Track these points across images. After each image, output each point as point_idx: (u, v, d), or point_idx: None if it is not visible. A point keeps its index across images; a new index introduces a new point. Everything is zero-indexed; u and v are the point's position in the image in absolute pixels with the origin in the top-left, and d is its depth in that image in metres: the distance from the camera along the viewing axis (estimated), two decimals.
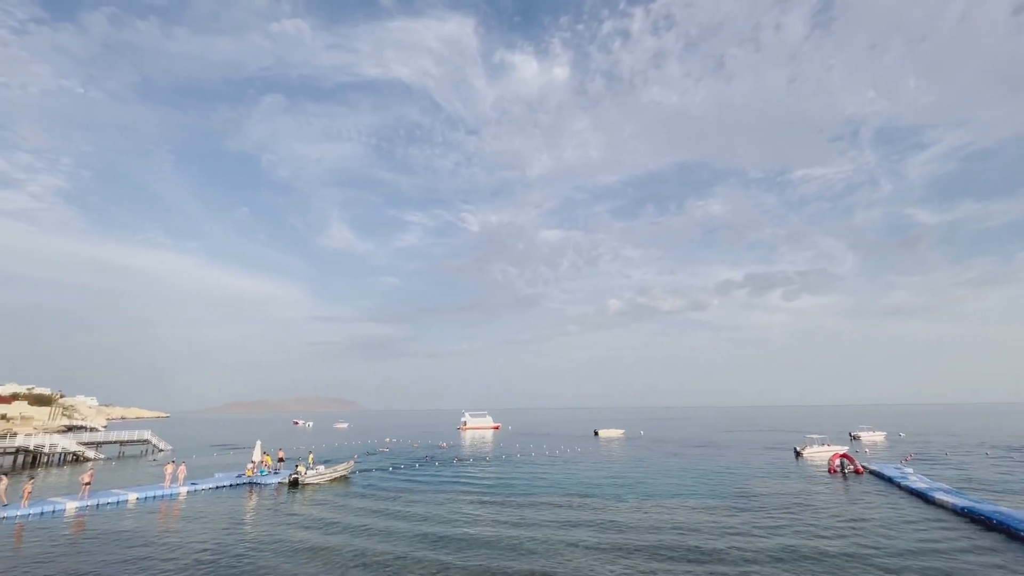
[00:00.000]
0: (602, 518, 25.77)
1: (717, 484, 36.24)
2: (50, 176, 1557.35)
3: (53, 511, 28.20)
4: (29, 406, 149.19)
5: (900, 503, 28.85)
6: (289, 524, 25.24)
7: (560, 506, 28.98)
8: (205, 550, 20.59)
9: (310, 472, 38.33)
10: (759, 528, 23.45)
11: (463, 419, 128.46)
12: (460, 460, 54.14)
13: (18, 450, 52.93)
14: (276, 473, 40.68)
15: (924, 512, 26.38)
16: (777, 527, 23.63)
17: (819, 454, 53.67)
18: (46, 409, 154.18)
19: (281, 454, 47.59)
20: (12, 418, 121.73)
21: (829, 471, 41.10)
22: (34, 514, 27.40)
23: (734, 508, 27.95)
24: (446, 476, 42.02)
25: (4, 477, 29.50)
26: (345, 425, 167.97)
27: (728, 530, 23.07)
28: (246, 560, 19.23)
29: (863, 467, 41.20)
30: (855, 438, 75.29)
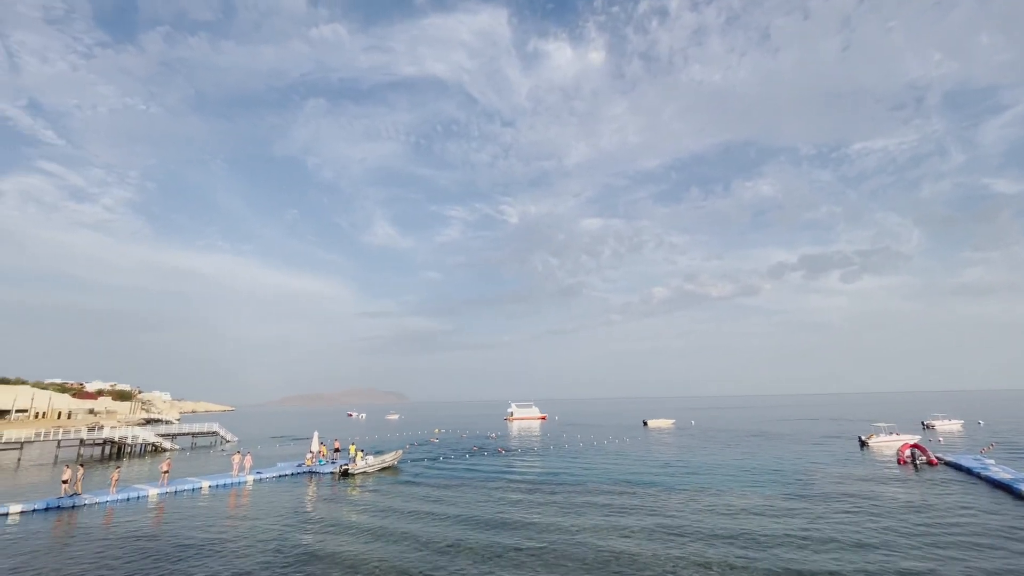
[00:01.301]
0: (654, 508, 25.37)
1: (774, 475, 34.89)
2: (120, 189, 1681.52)
3: (138, 497, 30.64)
4: (113, 401, 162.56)
5: (981, 496, 26.78)
6: (348, 510, 26.32)
7: (611, 495, 28.74)
8: (272, 534, 21.82)
9: (359, 462, 39.71)
10: (822, 519, 22.40)
11: (509, 410, 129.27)
12: (508, 450, 54.68)
13: (105, 441, 57.83)
14: (333, 463, 42.46)
15: (1010, 506, 24.39)
16: (842, 518, 22.49)
17: (887, 444, 50.64)
18: (127, 404, 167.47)
19: (337, 444, 49.63)
20: (99, 412, 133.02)
21: (898, 462, 38.67)
22: (121, 499, 29.87)
23: (794, 498, 26.82)
24: (495, 466, 42.55)
25: (81, 467, 32.22)
26: (396, 416, 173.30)
27: (788, 521, 22.17)
28: (310, 544, 20.23)
29: (937, 458, 38.51)
30: (928, 427, 70.55)
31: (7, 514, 26.18)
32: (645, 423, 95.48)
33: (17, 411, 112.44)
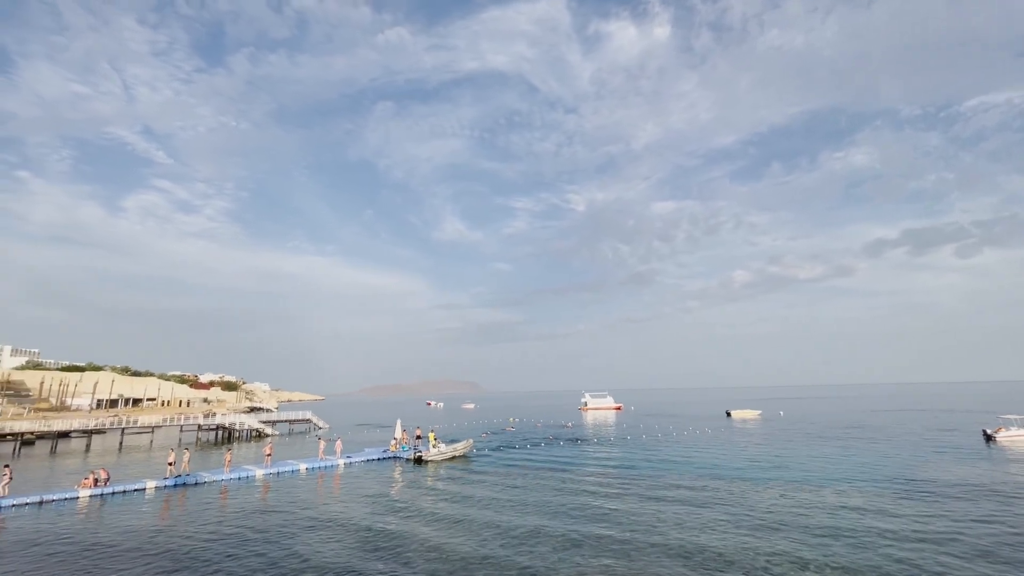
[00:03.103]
0: (741, 501, 24.10)
1: (878, 470, 31.88)
2: (220, 200, 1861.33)
3: (247, 476, 33.89)
4: (222, 391, 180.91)
5: None
6: (430, 495, 27.47)
7: (694, 488, 27.67)
8: (363, 514, 23.29)
9: (432, 450, 41.16)
10: (938, 519, 20.12)
11: (583, 400, 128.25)
12: (584, 440, 54.34)
13: (218, 427, 64.59)
14: (415, 449, 44.43)
15: None
16: (966, 523, 20.06)
17: (1020, 439, 44.54)
18: (233, 393, 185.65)
19: (418, 432, 51.86)
20: (211, 401, 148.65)
21: None
22: (233, 478, 33.19)
23: (903, 496, 24.34)
24: (571, 455, 42.48)
25: (186, 450, 36.01)
26: (472, 406, 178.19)
27: (896, 520, 20.14)
28: (397, 525, 21.37)
29: None
30: None
31: (144, 489, 30.04)
32: (728, 414, 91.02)
33: (147, 400, 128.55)
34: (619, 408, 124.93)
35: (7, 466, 28.69)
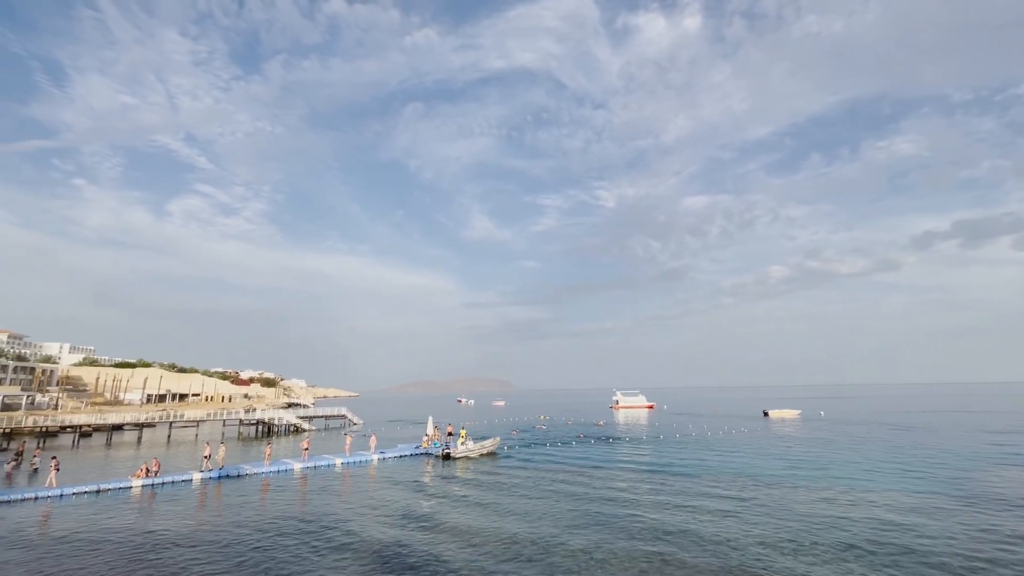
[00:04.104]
0: (781, 505, 23.35)
1: (927, 473, 30.37)
2: (257, 202, 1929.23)
3: (286, 470, 35.01)
4: (261, 387, 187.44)
5: None
6: (463, 490, 27.74)
7: (730, 488, 26.97)
8: (398, 507, 23.75)
9: (459, 447, 41.44)
10: (992, 533, 18.99)
11: (614, 398, 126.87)
12: (616, 439, 53.81)
13: (258, 422, 67.01)
14: (447, 446, 44.93)
15: None
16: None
17: None
18: (272, 389, 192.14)
19: (450, 428, 52.40)
20: (251, 397, 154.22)
21: None
22: (273, 471, 34.35)
23: (958, 502, 23.08)
24: (604, 454, 42.12)
25: (222, 444, 37.31)
26: (502, 403, 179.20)
27: (952, 526, 19.13)
28: (432, 517, 21.67)
29: None
30: None
31: (191, 480, 31.44)
32: (766, 413, 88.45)
33: (192, 395, 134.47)
34: (651, 407, 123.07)
35: (54, 458, 30.42)
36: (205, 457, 34.29)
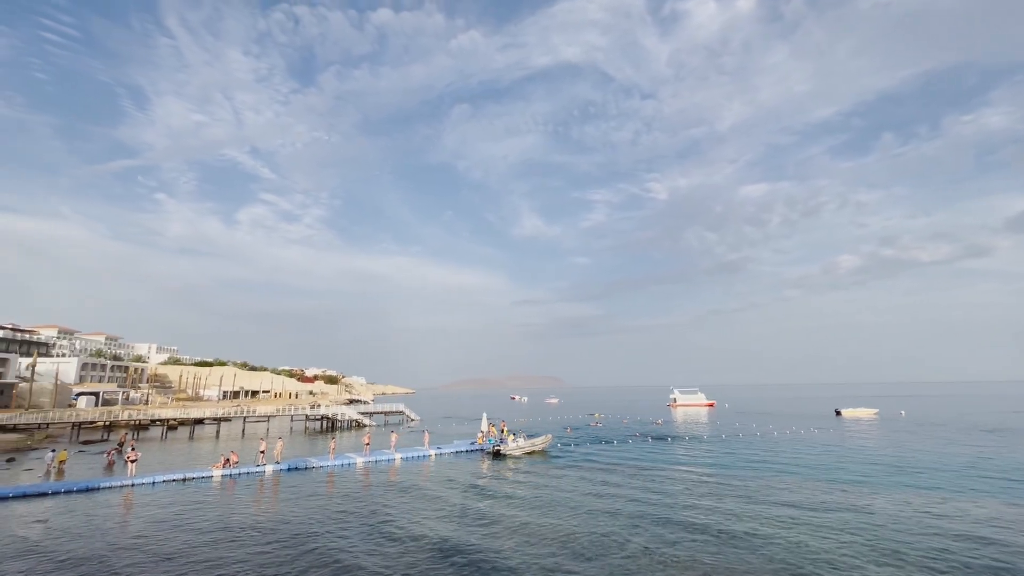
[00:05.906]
0: (857, 512, 21.78)
1: None
2: (317, 208, 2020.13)
3: (349, 464, 36.54)
4: (324, 384, 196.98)
5: None
6: (518, 488, 27.85)
7: (800, 493, 25.47)
8: (455, 501, 24.26)
9: (510, 444, 41.49)
10: None
11: (672, 396, 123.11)
12: (675, 438, 52.25)
13: (323, 417, 70.37)
14: (501, 443, 45.29)
15: None
16: None
17: None
18: (334, 387, 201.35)
19: (504, 425, 52.79)
20: (315, 394, 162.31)
21: None
22: (337, 464, 35.95)
23: None
24: (663, 454, 41.02)
25: (280, 439, 39.21)
26: (556, 400, 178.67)
27: None
28: (488, 513, 21.93)
29: None
30: None
31: (264, 471, 33.51)
32: (838, 412, 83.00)
33: (263, 392, 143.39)
34: (711, 405, 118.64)
35: (133, 448, 33.05)
36: (261, 452, 35.96)
